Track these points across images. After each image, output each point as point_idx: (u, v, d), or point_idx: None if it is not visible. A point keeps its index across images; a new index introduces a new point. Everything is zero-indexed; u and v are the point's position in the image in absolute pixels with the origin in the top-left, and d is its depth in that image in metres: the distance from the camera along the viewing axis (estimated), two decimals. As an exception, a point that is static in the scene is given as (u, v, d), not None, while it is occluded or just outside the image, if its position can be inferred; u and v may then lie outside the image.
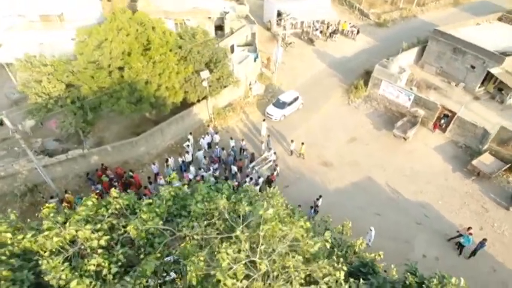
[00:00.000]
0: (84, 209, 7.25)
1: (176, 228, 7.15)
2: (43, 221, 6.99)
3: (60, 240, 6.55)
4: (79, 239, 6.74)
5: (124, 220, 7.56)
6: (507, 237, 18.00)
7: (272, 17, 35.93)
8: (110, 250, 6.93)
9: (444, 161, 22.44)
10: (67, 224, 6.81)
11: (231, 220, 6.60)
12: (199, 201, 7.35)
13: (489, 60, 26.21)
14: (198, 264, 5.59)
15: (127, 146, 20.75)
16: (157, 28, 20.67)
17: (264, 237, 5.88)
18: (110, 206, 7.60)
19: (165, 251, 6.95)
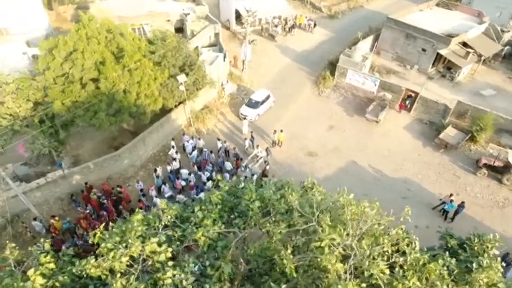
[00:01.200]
0: (139, 225, 6.97)
1: (238, 229, 7.18)
2: (101, 244, 6.61)
3: (127, 259, 6.28)
4: (145, 255, 6.50)
5: (179, 230, 7.41)
6: (480, 198, 20.13)
7: (231, 15, 35.99)
8: (177, 261, 6.78)
9: (414, 138, 24.36)
10: (130, 241, 6.52)
11: (304, 211, 6.80)
12: (256, 200, 7.43)
13: (438, 43, 28.80)
14: (288, 257, 5.73)
15: (110, 161, 19.73)
16: (126, 34, 19.85)
17: (348, 220, 6.20)
18: (162, 218, 7.38)
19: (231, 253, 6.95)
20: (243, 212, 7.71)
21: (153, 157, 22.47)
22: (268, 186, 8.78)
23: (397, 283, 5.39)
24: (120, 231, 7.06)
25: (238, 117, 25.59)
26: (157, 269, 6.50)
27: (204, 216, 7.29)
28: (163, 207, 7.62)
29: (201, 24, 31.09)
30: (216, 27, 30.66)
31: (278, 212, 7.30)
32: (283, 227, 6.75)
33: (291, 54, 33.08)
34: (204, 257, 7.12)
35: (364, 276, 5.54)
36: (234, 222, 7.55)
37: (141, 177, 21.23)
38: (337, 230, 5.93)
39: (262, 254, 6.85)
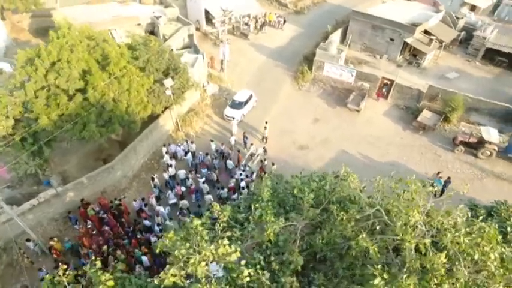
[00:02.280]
0: (203, 229, 6.97)
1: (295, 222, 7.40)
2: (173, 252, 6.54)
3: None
4: (217, 257, 6.53)
5: (235, 229, 7.49)
6: (460, 173, 21.83)
7: (200, 16, 35.59)
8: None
9: (394, 123, 25.80)
10: (202, 245, 6.51)
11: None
12: (309, 192, 7.67)
13: (404, 32, 30.55)
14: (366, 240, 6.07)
15: (103, 174, 18.96)
16: (109, 40, 19.12)
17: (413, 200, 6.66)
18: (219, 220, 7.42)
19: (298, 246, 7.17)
20: (293, 205, 7.94)
21: (145, 166, 21.88)
22: (307, 178, 9.09)
23: (472, 250, 5.93)
24: (182, 238, 7.01)
25: (223, 118, 25.54)
26: (231, 269, 6.56)
27: (261, 214, 7.43)
28: (218, 209, 7.63)
29: (173, 27, 30.58)
30: (189, 29, 30.28)
31: (331, 202, 7.62)
32: (354, 214, 7.05)
33: (265, 52, 33.46)
34: (266, 253, 7.27)
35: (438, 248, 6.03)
36: (289, 216, 7.74)
37: (135, 187, 20.67)
38: (413, 210, 6.34)
39: (330, 242, 7.13)
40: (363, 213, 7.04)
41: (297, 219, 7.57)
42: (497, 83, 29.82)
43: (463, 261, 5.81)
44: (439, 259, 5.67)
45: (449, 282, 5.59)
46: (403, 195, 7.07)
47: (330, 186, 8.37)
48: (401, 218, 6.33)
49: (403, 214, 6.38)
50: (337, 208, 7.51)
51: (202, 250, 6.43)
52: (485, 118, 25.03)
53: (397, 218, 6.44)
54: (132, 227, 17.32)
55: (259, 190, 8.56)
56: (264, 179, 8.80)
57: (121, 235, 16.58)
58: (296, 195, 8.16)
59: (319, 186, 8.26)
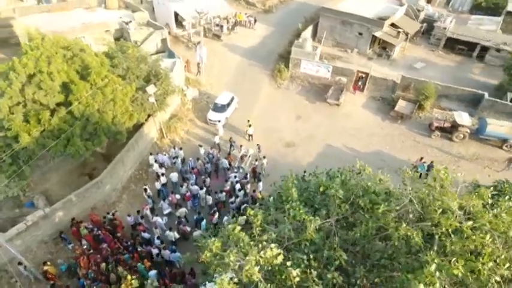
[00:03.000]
0: (244, 234, 6.93)
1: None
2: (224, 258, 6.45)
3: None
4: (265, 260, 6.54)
5: (270, 232, 7.53)
6: (439, 156, 23.13)
7: (169, 19, 34.83)
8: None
9: (373, 115, 26.83)
10: (250, 250, 6.48)
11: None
12: (339, 189, 7.85)
13: (372, 26, 31.78)
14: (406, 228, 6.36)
15: (92, 189, 18.11)
16: (87, 50, 18.27)
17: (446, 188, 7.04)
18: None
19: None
20: (322, 203, 8.10)
21: (133, 177, 21.17)
22: (326, 175, 9.30)
23: (506, 228, 6.38)
24: (221, 244, 6.95)
25: (207, 122, 25.26)
26: (279, 272, 6.59)
27: (295, 214, 7.50)
28: (251, 213, 7.61)
29: (144, 32, 29.69)
30: (162, 33, 29.57)
31: (358, 196, 7.88)
32: (394, 206, 7.28)
33: (240, 52, 33.44)
34: (304, 251, 7.36)
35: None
36: (319, 214, 7.88)
37: (126, 200, 19.97)
38: (447, 195, 6.67)
39: (367, 234, 7.35)
40: (399, 203, 7.34)
41: (331, 216, 7.74)
42: (459, 70, 31.87)
43: (498, 239, 6.28)
44: (482, 239, 6.09)
45: (492, 260, 6.03)
46: (434, 183, 7.42)
47: (356, 180, 8.64)
48: (437, 205, 6.68)
49: (437, 201, 6.74)
50: (370, 201, 7.78)
51: (250, 255, 6.41)
52: (455, 103, 26.68)
53: (433, 205, 6.79)
54: (130, 241, 16.71)
55: (284, 191, 8.63)
56: (288, 179, 8.85)
57: (120, 251, 15.95)
58: (323, 193, 8.34)
59: (345, 182, 8.49)
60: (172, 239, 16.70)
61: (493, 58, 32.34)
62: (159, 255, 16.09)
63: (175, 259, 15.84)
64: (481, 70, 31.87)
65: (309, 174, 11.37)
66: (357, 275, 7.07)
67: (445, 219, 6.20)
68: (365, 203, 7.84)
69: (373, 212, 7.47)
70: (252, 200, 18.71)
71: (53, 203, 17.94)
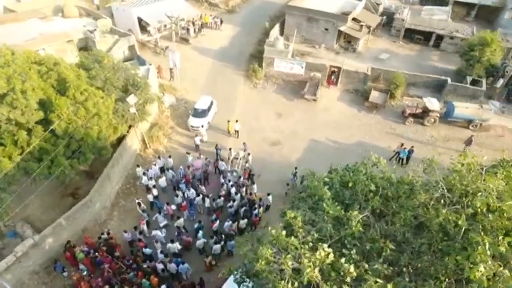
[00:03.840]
0: (294, 242, 6.98)
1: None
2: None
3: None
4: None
5: (312, 232, 7.67)
6: (415, 141, 24.50)
7: (133, 25, 33.61)
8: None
9: (349, 107, 27.82)
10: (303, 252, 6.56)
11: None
12: (370, 184, 8.13)
13: (337, 21, 32.87)
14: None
15: (82, 210, 17.10)
16: (61, 63, 17.17)
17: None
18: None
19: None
20: (351, 197, 8.35)
21: (121, 192, 20.27)
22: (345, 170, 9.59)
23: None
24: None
25: (188, 129, 24.77)
26: (334, 270, 6.73)
27: (334, 211, 7.68)
28: (292, 216, 7.65)
29: (110, 39, 28.37)
30: (129, 40, 28.47)
31: (385, 188, 8.24)
32: (433, 194, 7.63)
33: (210, 54, 33.10)
34: (347, 247, 7.56)
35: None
36: (352, 208, 8.10)
37: (117, 217, 19.11)
38: (491, 181, 7.12)
39: (405, 223, 7.68)
40: (427, 191, 7.75)
41: (364, 210, 8.02)
42: (419, 58, 33.93)
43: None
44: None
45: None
46: (461, 168, 7.90)
47: (383, 172, 8.99)
48: (471, 188, 7.16)
49: (471, 183, 7.22)
50: (397, 191, 8.15)
51: (304, 257, 6.48)
52: (422, 90, 28.42)
53: (466, 188, 7.26)
54: (130, 259, 16.04)
55: (312, 189, 8.76)
56: (317, 179, 8.98)
57: (123, 270, 15.26)
58: (351, 188, 8.60)
59: (368, 175, 8.80)
60: (175, 251, 16.27)
61: (447, 45, 34.79)
62: (165, 270, 15.60)
63: (183, 271, 15.46)
64: (438, 57, 34.16)
65: (329, 172, 11.59)
66: (401, 263, 7.40)
67: (482, 200, 6.68)
68: (393, 193, 8.21)
69: (407, 200, 7.85)
70: (249, 202, 18.70)
71: (39, 229, 16.76)
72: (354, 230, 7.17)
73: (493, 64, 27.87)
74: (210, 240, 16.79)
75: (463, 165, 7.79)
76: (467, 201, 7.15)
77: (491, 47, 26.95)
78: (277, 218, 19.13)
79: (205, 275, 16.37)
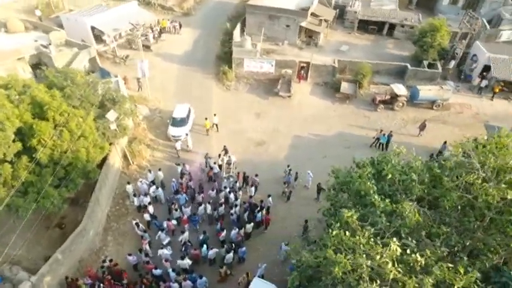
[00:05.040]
0: (362, 240, 7.14)
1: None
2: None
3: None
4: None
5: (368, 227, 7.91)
6: (389, 126, 25.97)
7: (86, 35, 31.46)
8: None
9: (322, 100, 28.68)
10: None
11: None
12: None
13: (298, 17, 33.59)
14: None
15: (77, 240, 15.83)
16: (32, 84, 15.66)
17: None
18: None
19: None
20: (390, 189, 8.72)
21: (111, 215, 19.07)
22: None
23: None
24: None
25: (169, 139, 23.91)
26: (404, 262, 7.01)
27: (384, 205, 7.97)
28: (349, 215, 7.78)
29: (68, 53, 26.35)
30: (90, 52, 26.68)
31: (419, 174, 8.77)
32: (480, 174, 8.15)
33: (175, 60, 32.14)
34: (401, 236, 7.90)
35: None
36: (396, 200, 8.46)
37: (112, 241, 17.97)
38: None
39: (453, 205, 8.16)
40: (463, 173, 8.34)
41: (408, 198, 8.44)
42: (376, 47, 35.88)
43: None
44: None
45: None
46: (491, 147, 8.56)
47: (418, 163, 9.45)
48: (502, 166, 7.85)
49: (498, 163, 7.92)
50: (434, 177, 8.66)
51: (376, 254, 6.67)
52: (385, 77, 30.16)
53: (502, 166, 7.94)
54: (142, 284, 15.21)
55: (358, 186, 8.97)
56: (362, 175, 9.19)
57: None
58: (390, 179, 8.97)
59: (406, 165, 9.23)
60: (186, 267, 15.74)
61: (399, 33, 37.16)
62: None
63: (202, 285, 14.99)
64: (393, 45, 36.39)
65: (351, 167, 11.90)
66: (452, 242, 7.91)
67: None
68: (431, 179, 8.73)
69: (449, 183, 8.38)
70: (250, 206, 18.60)
71: (29, 270, 15.27)
72: (412, 220, 7.50)
73: (443, 47, 30.36)
74: (220, 250, 16.47)
75: (497, 146, 8.45)
76: (502, 177, 7.83)
77: (441, 32, 29.33)
78: (278, 218, 19.39)
79: (219, 286, 16.10)
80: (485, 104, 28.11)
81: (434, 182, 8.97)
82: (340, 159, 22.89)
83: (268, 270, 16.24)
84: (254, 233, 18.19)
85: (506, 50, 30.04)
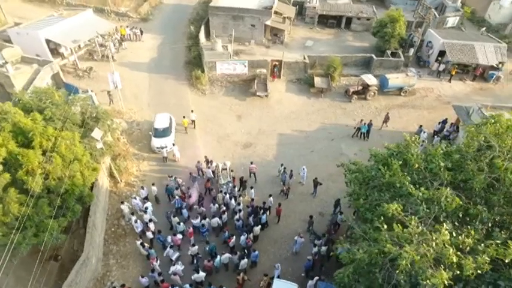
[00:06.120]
0: (417, 230, 7.53)
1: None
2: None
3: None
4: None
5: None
6: (366, 115, 27.21)
7: (41, 49, 29.15)
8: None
9: (298, 96, 29.25)
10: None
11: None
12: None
13: (262, 16, 33.85)
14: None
15: (82, 270, 14.77)
16: (9, 109, 14.28)
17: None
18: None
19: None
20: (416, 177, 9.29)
21: (108, 238, 18.00)
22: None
23: None
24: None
25: (152, 151, 23.04)
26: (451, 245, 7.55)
27: (423, 193, 8.48)
28: (392, 207, 8.12)
29: (27, 70, 24.31)
30: (52, 67, 24.83)
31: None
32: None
33: (143, 68, 30.91)
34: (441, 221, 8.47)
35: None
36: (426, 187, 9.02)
37: (116, 266, 17.03)
38: None
39: (481, 185, 8.84)
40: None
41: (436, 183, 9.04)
42: (338, 41, 37.32)
43: None
44: None
45: None
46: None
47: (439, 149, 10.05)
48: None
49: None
50: (456, 162, 9.34)
51: (432, 242, 7.10)
52: (353, 69, 31.52)
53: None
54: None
55: (389, 179, 9.38)
56: (394, 170, 9.59)
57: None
58: (418, 168, 9.52)
59: (433, 154, 9.80)
60: (202, 279, 15.40)
61: (356, 25, 38.96)
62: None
63: (224, 297, 14.75)
64: (352, 37, 38.06)
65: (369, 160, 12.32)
66: (485, 220, 8.62)
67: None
68: (453, 163, 9.41)
69: (473, 165, 9.09)
70: (253, 209, 18.58)
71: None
72: (452, 205, 8.07)
73: (402, 37, 32.38)
74: (233, 257, 16.32)
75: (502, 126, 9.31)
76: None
77: (399, 23, 31.24)
78: (281, 216, 19.58)
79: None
80: (445, 86, 30.52)
81: (456, 166, 9.72)
82: (327, 152, 23.96)
83: (281, 270, 16.39)
84: (261, 234, 18.20)
85: (455, 35, 32.82)
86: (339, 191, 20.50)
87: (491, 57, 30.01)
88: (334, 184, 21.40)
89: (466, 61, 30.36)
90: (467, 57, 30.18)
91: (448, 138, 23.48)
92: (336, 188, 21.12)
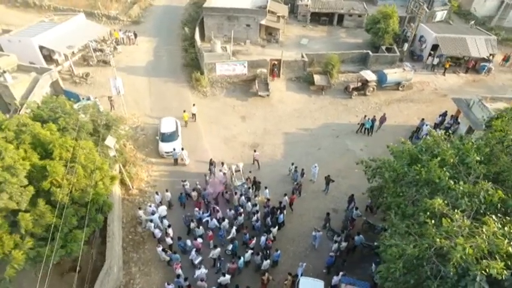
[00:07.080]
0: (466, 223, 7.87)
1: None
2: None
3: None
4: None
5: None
6: (366, 111, 27.70)
7: (34, 56, 28.42)
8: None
9: (299, 94, 29.53)
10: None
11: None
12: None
13: (257, 16, 33.94)
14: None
15: (105, 280, 14.61)
16: (25, 120, 13.98)
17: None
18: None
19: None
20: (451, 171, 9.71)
21: (126, 247, 17.82)
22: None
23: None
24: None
25: (161, 156, 22.88)
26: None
27: (463, 188, 8.85)
28: (439, 203, 8.45)
29: (25, 79, 23.67)
30: (51, 75, 24.27)
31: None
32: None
33: (140, 72, 30.54)
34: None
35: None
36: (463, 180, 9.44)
37: (139, 273, 16.92)
38: None
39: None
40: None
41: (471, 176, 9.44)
42: (332, 38, 37.82)
43: None
44: None
45: None
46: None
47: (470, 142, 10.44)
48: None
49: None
50: (486, 154, 9.76)
51: (487, 233, 7.45)
52: (350, 65, 32.02)
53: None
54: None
55: (427, 175, 9.70)
56: (433, 168, 9.91)
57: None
58: (452, 163, 9.89)
59: (467, 148, 10.17)
60: (228, 282, 15.50)
61: (348, 22, 39.55)
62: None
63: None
64: (345, 34, 38.61)
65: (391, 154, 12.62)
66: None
67: None
68: (484, 156, 9.83)
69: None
70: (270, 209, 18.73)
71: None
72: (495, 197, 8.46)
73: (396, 32, 33.08)
74: (256, 257, 16.46)
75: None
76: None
77: (393, 19, 31.89)
78: (295, 214, 19.80)
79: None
80: (440, 79, 31.40)
81: (486, 159, 10.16)
82: (334, 148, 24.34)
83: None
84: (278, 234, 18.36)
85: (446, 29, 33.78)
86: (350, 187, 20.99)
87: (482, 50, 31.05)
88: (344, 180, 21.80)
89: (459, 54, 31.30)
90: (460, 51, 31.12)
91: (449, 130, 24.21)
92: (346, 184, 21.57)
